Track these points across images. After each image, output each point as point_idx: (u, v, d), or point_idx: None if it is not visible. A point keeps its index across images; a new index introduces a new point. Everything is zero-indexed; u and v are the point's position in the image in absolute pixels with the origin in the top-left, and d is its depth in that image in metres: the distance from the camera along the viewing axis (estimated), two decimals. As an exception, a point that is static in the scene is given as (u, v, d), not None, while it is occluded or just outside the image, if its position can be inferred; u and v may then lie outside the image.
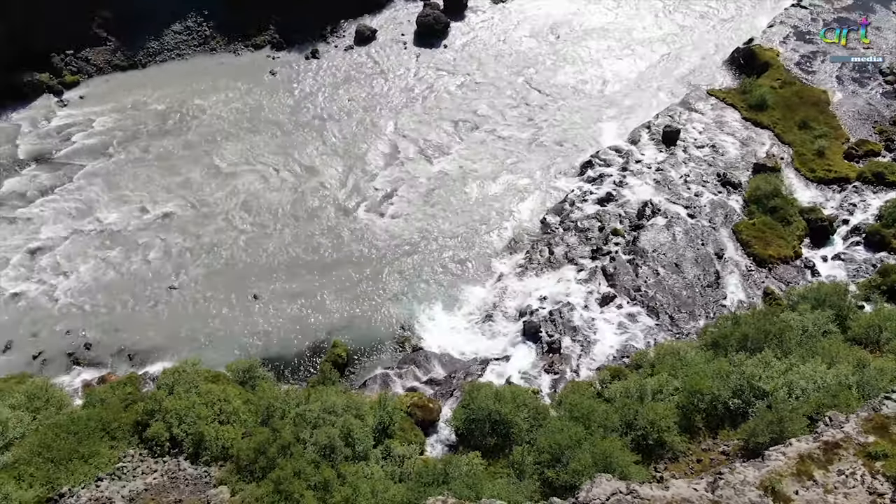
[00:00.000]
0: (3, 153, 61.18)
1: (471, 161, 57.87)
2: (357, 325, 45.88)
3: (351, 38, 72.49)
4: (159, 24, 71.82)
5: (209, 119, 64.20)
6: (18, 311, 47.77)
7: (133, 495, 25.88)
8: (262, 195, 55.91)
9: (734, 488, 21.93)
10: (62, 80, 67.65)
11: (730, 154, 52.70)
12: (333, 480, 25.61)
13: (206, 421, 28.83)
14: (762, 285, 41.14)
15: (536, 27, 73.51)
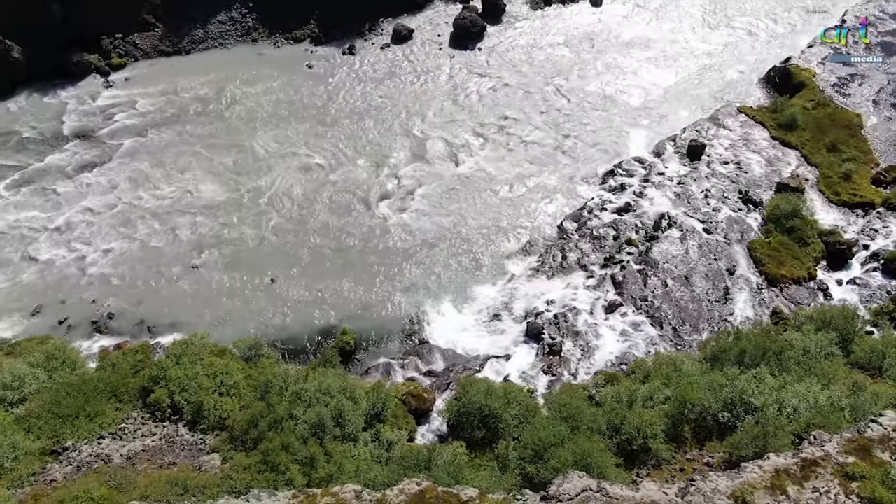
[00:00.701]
0: (49, 129, 63.97)
1: (495, 163, 58.36)
2: (368, 315, 46.74)
3: (388, 36, 73.66)
4: (205, 13, 74.13)
5: (246, 107, 66.03)
6: (49, 279, 49.99)
7: (131, 455, 27.11)
8: (289, 183, 57.30)
9: (704, 496, 22.07)
10: (109, 63, 70.33)
11: (754, 172, 52.16)
12: (320, 457, 26.45)
13: (206, 391, 29.99)
14: (772, 304, 40.71)
15: (572, 36, 73.64)
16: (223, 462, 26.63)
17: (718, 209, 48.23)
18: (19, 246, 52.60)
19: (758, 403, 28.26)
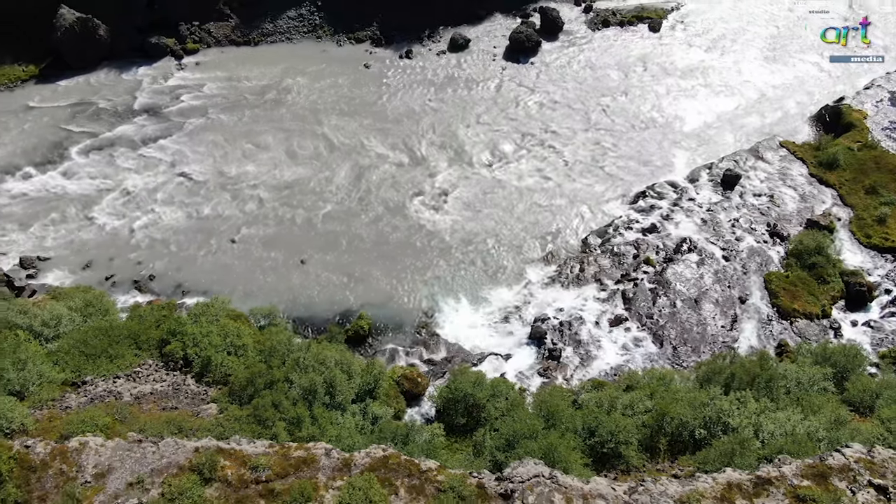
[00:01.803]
0: (123, 102, 68.69)
1: (531, 174, 59.43)
2: (388, 304, 48.47)
3: (445, 43, 75.79)
4: (276, 9, 78.03)
5: (302, 99, 69.22)
6: (103, 238, 53.85)
7: (139, 395, 29.56)
8: (331, 173, 59.87)
9: (651, 496, 22.78)
10: (184, 47, 74.89)
11: (786, 207, 51.59)
12: (306, 419, 28.25)
13: (216, 349, 32.29)
14: (779, 337, 40.40)
15: (625, 58, 74.07)
16: (219, 412, 28.75)
17: (742, 239, 48.01)
18: (81, 206, 56.82)
19: (734, 424, 28.60)
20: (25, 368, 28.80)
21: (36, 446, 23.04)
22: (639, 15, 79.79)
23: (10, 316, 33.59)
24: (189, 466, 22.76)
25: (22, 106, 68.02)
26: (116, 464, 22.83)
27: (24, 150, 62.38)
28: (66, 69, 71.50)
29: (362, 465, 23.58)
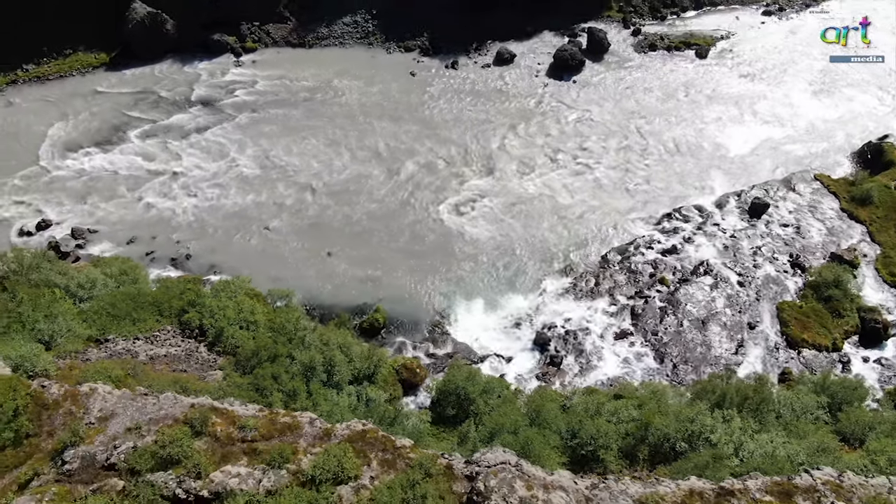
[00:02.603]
0: (181, 93, 72.64)
1: (560, 188, 60.20)
2: (405, 301, 49.89)
3: (491, 57, 77.37)
4: (333, 14, 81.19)
5: (348, 101, 71.80)
6: (148, 217, 57.16)
7: (154, 356, 31.72)
8: (367, 172, 61.97)
9: (611, 493, 23.41)
10: (243, 45, 78.65)
11: (812, 239, 50.92)
12: (301, 393, 29.84)
13: (229, 322, 34.30)
14: (784, 365, 40.03)
15: (668, 82, 74.15)
16: (223, 379, 30.62)
17: (760, 266, 47.67)
18: (133, 186, 60.42)
19: (714, 440, 28.85)
20: (55, 322, 31.33)
21: (51, 387, 25.25)
22: (687, 41, 79.76)
23: (51, 276, 36.39)
24: (183, 420, 24.54)
25: (91, 91, 72.70)
26: (119, 410, 24.82)
27: (88, 131, 66.70)
28: (133, 59, 76.05)
29: (341, 435, 24.94)
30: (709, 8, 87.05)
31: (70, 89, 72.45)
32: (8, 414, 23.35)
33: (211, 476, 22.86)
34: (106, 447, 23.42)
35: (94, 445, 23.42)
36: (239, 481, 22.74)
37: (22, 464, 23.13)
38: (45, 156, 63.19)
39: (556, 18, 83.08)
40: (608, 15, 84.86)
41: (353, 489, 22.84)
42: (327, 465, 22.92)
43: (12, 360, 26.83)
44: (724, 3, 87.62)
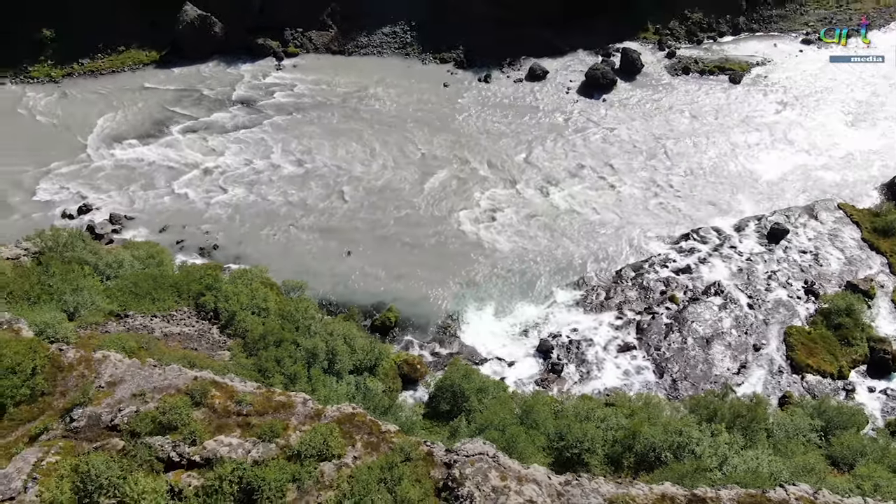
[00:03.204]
0: (223, 92, 75.55)
1: (581, 203, 60.74)
2: (418, 302, 50.98)
3: (524, 73, 78.48)
4: (373, 25, 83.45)
5: (381, 107, 73.70)
6: (182, 207, 59.65)
7: (168, 333, 33.45)
8: (394, 177, 63.53)
9: (583, 490, 24.00)
10: (285, 50, 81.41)
11: (829, 267, 50.40)
12: (301, 377, 31.15)
13: (241, 307, 35.89)
14: (786, 388, 39.77)
15: (699, 106, 74.09)
16: (230, 359, 32.14)
17: (772, 290, 47.44)
18: (170, 177, 63.13)
19: (699, 452, 29.13)
20: (81, 295, 33.34)
21: (68, 352, 27.07)
22: (721, 66, 79.63)
23: (83, 254, 38.60)
24: (185, 390, 26.04)
25: (139, 86, 76.18)
26: (127, 377, 26.46)
27: (133, 123, 69.94)
28: (181, 58, 79.43)
29: (331, 416, 26.10)
30: (746, 34, 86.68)
31: (120, 84, 76.04)
32: (26, 372, 25.15)
33: (204, 444, 24.24)
34: (111, 409, 25.02)
35: (101, 407, 25.06)
36: (229, 450, 24.07)
37: (35, 419, 24.88)
38: (92, 145, 66.51)
39: (592, 38, 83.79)
40: (644, 37, 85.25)
41: (335, 466, 23.95)
42: (314, 443, 24.10)
43: (37, 326, 28.77)
44: (762, 30, 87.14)
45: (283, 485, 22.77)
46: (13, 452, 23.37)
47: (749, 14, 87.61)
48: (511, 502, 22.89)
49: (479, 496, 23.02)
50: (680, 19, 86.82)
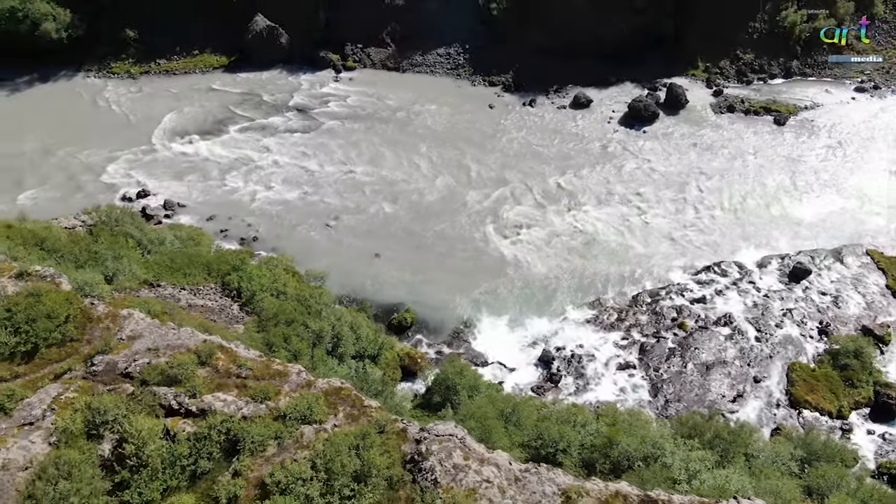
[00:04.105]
0: (282, 98, 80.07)
1: (606, 228, 61.63)
2: (436, 307, 52.81)
3: (569, 100, 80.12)
4: (429, 45, 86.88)
5: (426, 122, 76.60)
6: (229, 200, 63.63)
7: (192, 304, 36.42)
8: (430, 187, 66.00)
9: (540, 478, 25.28)
10: (344, 63, 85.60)
11: (847, 310, 49.72)
12: (304, 355, 33.47)
13: (262, 288, 38.65)
14: (780, 421, 39.61)
15: (739, 145, 73.85)
16: (243, 332, 34.79)
17: (783, 327, 47.22)
18: (222, 172, 67.42)
19: (669, 462, 29.89)
20: (121, 262, 36.77)
21: (98, 306, 30.18)
22: (767, 106, 79.29)
23: (130, 229, 42.32)
24: (194, 350, 28.65)
25: (207, 87, 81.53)
26: (146, 334, 29.32)
27: (196, 120, 74.96)
28: (248, 64, 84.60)
29: (320, 388, 28.21)
30: (798, 78, 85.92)
31: (190, 84, 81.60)
32: (60, 319, 28.27)
33: (203, 397, 26.69)
34: (127, 359, 27.84)
35: (119, 356, 27.91)
36: (223, 405, 26.44)
37: (62, 360, 27.92)
38: (157, 137, 71.70)
39: (641, 71, 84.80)
40: (693, 73, 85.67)
41: (315, 430, 25.99)
42: (299, 407, 26.27)
43: (76, 283, 32.07)
44: (815, 75, 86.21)
45: (265, 440, 24.99)
46: (39, 386, 26.40)
47: (803, 58, 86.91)
48: (469, 479, 24.42)
49: (440, 470, 24.64)
50: (731, 59, 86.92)
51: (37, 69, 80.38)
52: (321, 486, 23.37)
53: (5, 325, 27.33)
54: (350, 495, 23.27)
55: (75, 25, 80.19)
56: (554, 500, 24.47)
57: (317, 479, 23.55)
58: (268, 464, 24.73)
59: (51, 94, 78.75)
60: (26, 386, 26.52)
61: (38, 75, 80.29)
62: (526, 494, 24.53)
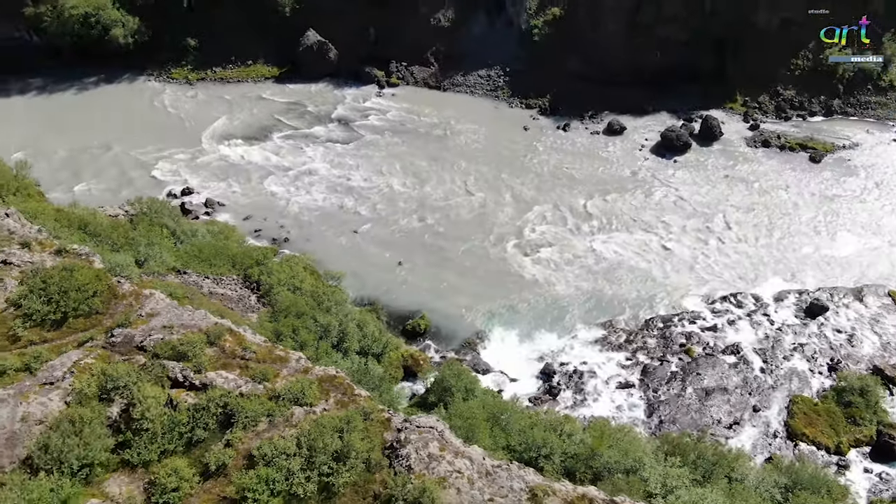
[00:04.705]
0: (326, 110, 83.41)
1: (627, 252, 62.08)
2: (452, 316, 54.19)
3: (602, 126, 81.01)
4: (470, 67, 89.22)
5: (461, 140, 78.62)
6: (266, 202, 66.72)
7: (213, 292, 38.84)
8: (458, 203, 67.76)
9: (510, 475, 26.32)
10: (388, 80, 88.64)
11: (861, 350, 48.92)
12: (310, 346, 35.36)
13: (279, 283, 40.87)
14: (774, 451, 39.31)
15: (770, 179, 73.13)
16: (256, 321, 36.94)
17: (790, 360, 46.85)
18: (262, 176, 70.72)
19: (646, 476, 30.50)
20: (153, 249, 39.56)
21: (124, 285, 32.77)
22: (804, 143, 78.48)
23: (166, 221, 45.34)
24: (205, 331, 30.83)
25: (257, 96, 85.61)
26: (163, 313, 31.68)
27: (243, 127, 78.85)
28: (297, 77, 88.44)
29: (316, 374, 29.96)
30: (839, 117, 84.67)
31: (242, 92, 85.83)
32: (89, 293, 30.88)
33: (206, 374, 28.77)
34: (143, 334, 30.18)
35: (136, 331, 30.28)
36: (224, 382, 28.44)
37: (86, 330, 30.43)
38: (206, 140, 75.71)
39: (678, 102, 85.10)
40: (731, 107, 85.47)
41: (305, 411, 27.70)
42: (293, 390, 28.09)
43: (108, 263, 34.82)
44: (857, 114, 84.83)
45: (258, 416, 26.84)
46: (62, 351, 28.92)
47: (845, 97, 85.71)
48: (441, 468, 25.68)
49: (415, 458, 25.98)
50: (771, 94, 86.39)
51: (103, 70, 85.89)
52: (303, 461, 24.99)
53: (40, 295, 30.04)
54: (328, 472, 24.81)
55: (141, 32, 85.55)
56: (520, 496, 25.46)
57: (299, 455, 25.19)
58: (258, 438, 26.53)
59: (114, 95, 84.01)
60: (52, 350, 29.09)
61: (104, 76, 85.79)
62: (494, 488, 25.61)
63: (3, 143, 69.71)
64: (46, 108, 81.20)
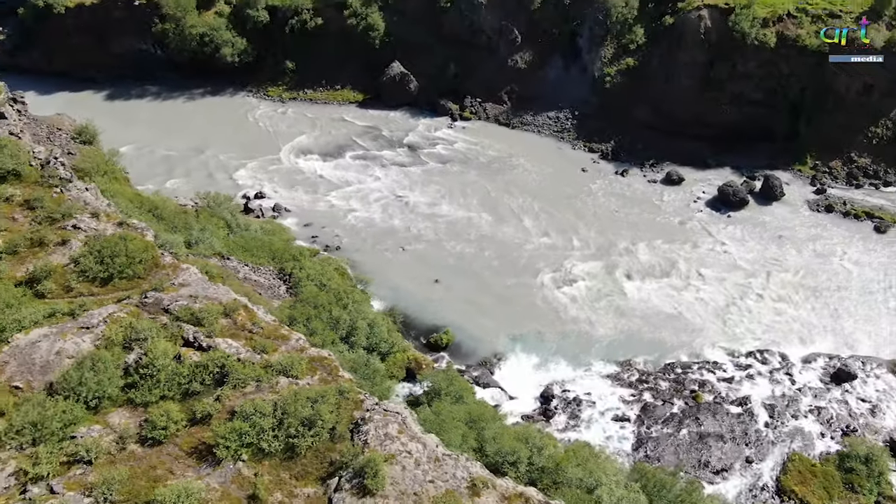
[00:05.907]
0: (397, 136, 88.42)
1: (659, 297, 62.04)
2: (475, 335, 56.35)
3: (661, 176, 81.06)
4: (541, 108, 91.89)
5: (521, 175, 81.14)
6: (327, 213, 71.75)
7: (247, 279, 43.16)
8: (505, 234, 70.13)
9: (457, 464, 28.12)
10: (461, 114, 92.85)
11: (883, 421, 46.47)
12: (319, 333, 38.69)
13: (308, 277, 44.70)
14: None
15: (827, 245, 70.33)
16: (276, 307, 40.76)
17: (798, 418, 45.39)
18: (328, 189, 76.07)
19: (600, 494, 31.35)
20: (204, 234, 44.53)
21: (166, 256, 37.50)
22: (870, 212, 75.24)
23: (223, 214, 50.61)
24: (223, 304, 34.84)
25: (339, 117, 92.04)
26: (194, 284, 36.01)
27: (321, 144, 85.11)
28: (378, 103, 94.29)
29: (309, 354, 33.15)
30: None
31: (326, 113, 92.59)
32: (135, 259, 35.73)
33: (215, 339, 32.60)
34: (171, 300, 34.49)
35: (166, 296, 34.67)
36: (227, 347, 32.11)
37: (126, 290, 35.20)
38: (285, 152, 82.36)
39: (743, 159, 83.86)
40: (799, 169, 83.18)
41: (288, 382, 30.83)
42: (283, 363, 31.39)
43: (161, 240, 39.83)
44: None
45: (247, 380, 30.21)
46: (103, 304, 33.67)
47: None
48: (393, 447, 27.96)
49: (373, 435, 28.41)
50: (844, 160, 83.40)
51: (211, 84, 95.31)
52: (274, 422, 28.01)
53: (95, 256, 35.14)
54: (295, 434, 27.67)
55: (247, 53, 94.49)
56: (461, 483, 27.24)
57: (273, 417, 28.24)
58: (244, 398, 29.85)
59: (216, 105, 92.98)
60: (95, 302, 33.91)
61: (210, 89, 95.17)
62: (438, 472, 27.54)
63: (118, 137, 78.42)
64: (159, 111, 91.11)
